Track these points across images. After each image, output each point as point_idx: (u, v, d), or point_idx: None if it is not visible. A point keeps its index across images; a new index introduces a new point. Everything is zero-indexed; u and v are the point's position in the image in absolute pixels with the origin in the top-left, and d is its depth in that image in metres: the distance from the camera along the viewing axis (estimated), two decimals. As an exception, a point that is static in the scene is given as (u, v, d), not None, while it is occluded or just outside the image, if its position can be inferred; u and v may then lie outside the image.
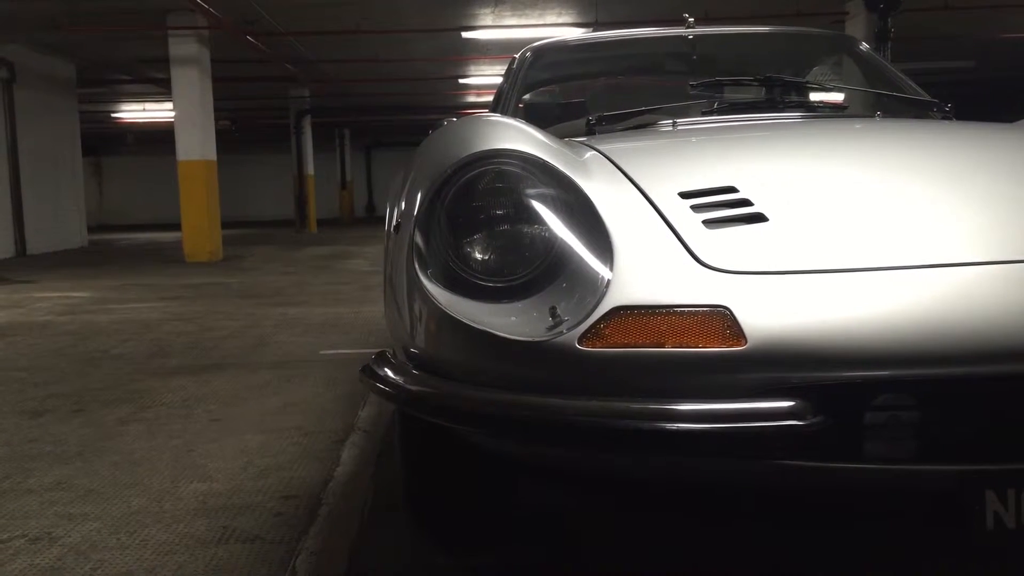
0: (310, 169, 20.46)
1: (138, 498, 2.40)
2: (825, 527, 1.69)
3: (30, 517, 2.28)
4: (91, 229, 16.50)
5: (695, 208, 1.52)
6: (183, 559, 1.99)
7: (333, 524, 2.19)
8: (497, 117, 1.86)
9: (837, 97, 2.92)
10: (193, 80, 11.37)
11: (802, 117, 2.47)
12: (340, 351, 4.57)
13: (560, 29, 12.13)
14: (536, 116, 2.67)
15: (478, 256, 1.50)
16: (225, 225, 12.47)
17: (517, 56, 3.14)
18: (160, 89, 15.98)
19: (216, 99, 12.05)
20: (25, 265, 11.34)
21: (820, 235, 1.45)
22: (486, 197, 1.54)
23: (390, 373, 1.57)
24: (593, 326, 1.33)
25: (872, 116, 2.56)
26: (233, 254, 12.23)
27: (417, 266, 1.51)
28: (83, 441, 2.97)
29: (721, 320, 1.30)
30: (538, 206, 1.51)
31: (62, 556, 2.03)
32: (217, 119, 12.27)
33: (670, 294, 1.35)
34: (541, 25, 12.38)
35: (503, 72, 3.28)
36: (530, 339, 1.35)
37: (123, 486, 2.51)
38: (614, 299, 1.35)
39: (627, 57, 3.37)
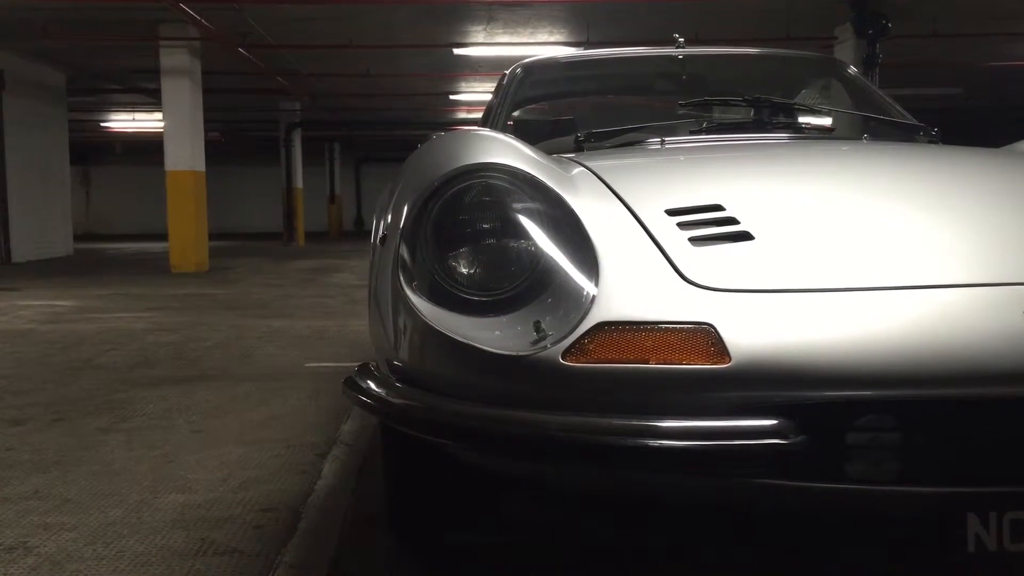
0: (299, 182, 20.44)
1: (116, 508, 2.37)
2: (805, 547, 1.68)
3: (5, 526, 2.25)
4: (78, 238, 16.40)
5: (681, 225, 1.52)
6: (159, 571, 1.97)
7: (313, 538, 2.17)
8: (485, 131, 1.86)
9: (824, 119, 2.93)
10: (183, 91, 11.35)
11: (789, 138, 2.48)
12: (325, 364, 4.55)
13: (551, 48, 12.18)
14: (525, 132, 2.67)
15: (464, 269, 1.50)
16: (212, 237, 12.43)
17: (507, 72, 3.14)
18: (150, 99, 15.95)
19: (206, 110, 12.04)
20: (9, 273, 11.25)
21: (806, 254, 1.46)
22: (473, 211, 1.54)
23: (373, 386, 1.56)
24: (577, 341, 1.33)
25: (859, 139, 2.57)
26: (220, 266, 12.17)
27: (402, 279, 1.50)
28: (62, 450, 2.94)
29: (705, 337, 1.29)
30: (524, 220, 1.51)
31: (37, 566, 2.00)
32: (207, 130, 12.25)
33: (655, 310, 1.35)
34: (533, 44, 12.43)
35: (494, 89, 3.28)
36: (514, 353, 1.35)
37: (101, 496, 2.48)
38: (599, 314, 1.35)
39: (617, 75, 3.38)
